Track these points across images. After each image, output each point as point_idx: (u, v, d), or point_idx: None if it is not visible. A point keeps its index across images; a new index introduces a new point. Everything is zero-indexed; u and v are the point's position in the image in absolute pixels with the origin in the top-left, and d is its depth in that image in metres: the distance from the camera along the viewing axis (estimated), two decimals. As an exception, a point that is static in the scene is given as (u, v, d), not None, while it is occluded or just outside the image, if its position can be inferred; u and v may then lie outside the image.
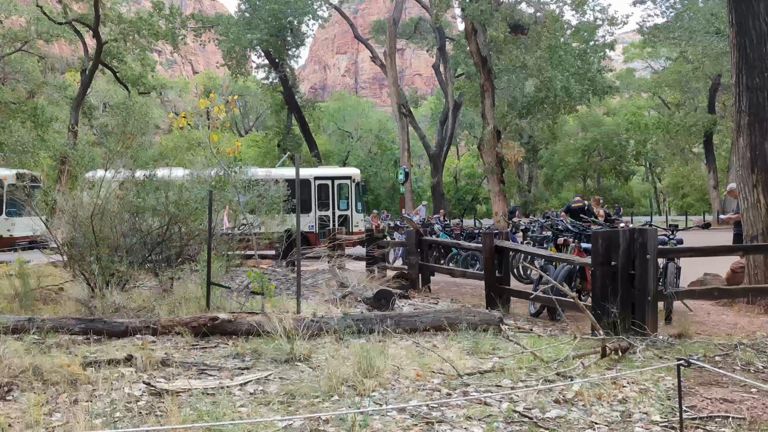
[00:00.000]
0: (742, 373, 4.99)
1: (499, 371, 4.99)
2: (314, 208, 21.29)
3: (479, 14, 27.44)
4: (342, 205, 21.51)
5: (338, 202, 21.54)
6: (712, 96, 38.03)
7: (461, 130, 48.03)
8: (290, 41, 30.86)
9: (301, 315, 6.46)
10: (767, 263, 8.48)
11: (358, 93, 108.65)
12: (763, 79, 8.63)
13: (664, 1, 35.82)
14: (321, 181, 21.63)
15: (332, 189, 21.66)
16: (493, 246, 8.59)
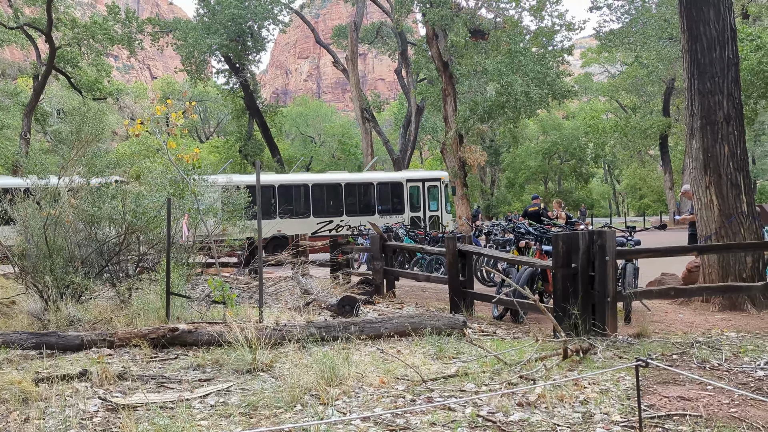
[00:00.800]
0: (698, 370, 5.10)
1: (463, 375, 4.99)
2: (407, 209, 21.81)
3: (440, 19, 27.67)
4: (432, 206, 22.23)
5: (429, 203, 22.19)
6: (667, 99, 39.10)
7: (424, 134, 48.31)
8: (250, 46, 30.56)
9: (264, 324, 6.36)
10: (721, 262, 8.71)
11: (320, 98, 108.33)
12: (714, 84, 8.88)
13: (619, 7, 36.74)
14: (412, 183, 22.31)
15: (423, 191, 22.24)
16: (457, 250, 8.62)
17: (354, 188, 21.88)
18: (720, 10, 8.90)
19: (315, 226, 19.10)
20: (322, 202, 21.11)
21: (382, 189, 22.26)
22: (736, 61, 8.99)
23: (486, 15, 30.14)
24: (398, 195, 21.84)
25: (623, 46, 36.50)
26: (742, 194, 8.77)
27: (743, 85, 21.76)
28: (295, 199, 20.83)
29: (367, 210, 21.64)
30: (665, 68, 34.63)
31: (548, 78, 28.65)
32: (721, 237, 8.72)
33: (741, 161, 8.86)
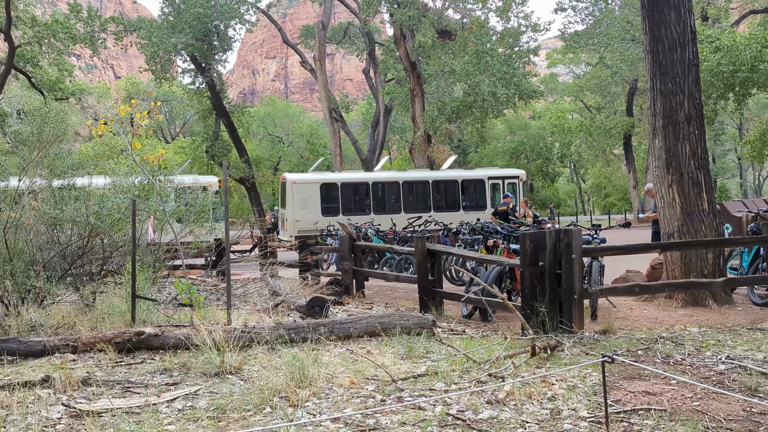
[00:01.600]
0: (662, 365, 5.21)
1: (433, 375, 5.01)
2: (488, 205, 22.76)
3: (407, 20, 27.77)
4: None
5: None
6: (630, 100, 39.90)
7: (393, 134, 48.39)
8: (217, 45, 30.19)
9: (232, 326, 6.29)
10: (683, 259, 8.92)
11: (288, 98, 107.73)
12: (675, 84, 9.09)
13: (583, 9, 37.40)
14: (494, 180, 23.47)
15: (503, 188, 23.15)
16: (426, 249, 8.66)
17: (440, 185, 22.88)
18: (680, 13, 9.12)
19: (406, 221, 19.57)
20: (412, 199, 21.82)
21: (466, 186, 23.40)
22: (696, 62, 9.21)
23: (453, 15, 30.36)
24: (481, 192, 23.02)
25: (587, 47, 37.19)
26: (703, 192, 9.00)
27: (703, 85, 22.34)
28: (387, 195, 21.52)
29: (452, 206, 22.52)
30: (628, 69, 35.36)
31: (515, 78, 29.00)
32: (683, 234, 8.93)
33: (702, 160, 9.08)
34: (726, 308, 8.56)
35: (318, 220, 19.53)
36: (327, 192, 21.12)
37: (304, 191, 20.62)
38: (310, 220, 19.85)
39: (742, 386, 4.58)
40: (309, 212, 20.00)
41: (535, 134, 50.27)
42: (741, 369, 5.00)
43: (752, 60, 23.39)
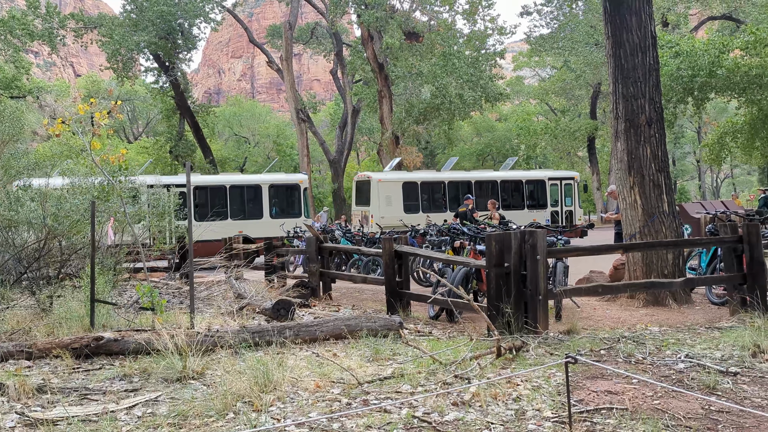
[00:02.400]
0: (624, 365, 5.28)
1: (399, 377, 4.99)
2: (548, 205, 24.24)
3: (375, 21, 27.78)
4: (567, 202, 24.66)
5: (565, 199, 24.58)
6: (594, 103, 40.63)
7: (361, 135, 48.35)
8: (181, 44, 29.72)
9: (195, 330, 6.18)
10: (644, 260, 9.09)
11: (254, 98, 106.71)
12: (636, 88, 9.27)
13: (548, 13, 37.97)
14: (553, 181, 24.75)
15: (561, 188, 24.71)
16: (393, 251, 8.64)
17: (507, 185, 24.40)
18: (642, 18, 9.30)
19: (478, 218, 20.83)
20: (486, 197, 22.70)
21: (529, 186, 24.82)
22: (656, 66, 9.41)
23: (420, 17, 30.49)
24: (542, 191, 24.54)
25: (552, 50, 37.78)
26: (663, 194, 9.19)
27: (664, 89, 22.88)
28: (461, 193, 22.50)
29: (517, 205, 23.85)
30: (592, 73, 36.01)
31: (481, 81, 29.26)
32: (644, 235, 9.10)
33: (662, 163, 9.28)
34: (685, 307, 8.75)
35: (402, 217, 20.66)
36: (408, 190, 22.31)
37: (388, 189, 21.67)
38: (395, 217, 20.94)
39: (700, 384, 4.67)
40: (393, 209, 21.19)
41: (502, 136, 50.77)
42: (700, 367, 5.10)
43: (710, 65, 24.04)
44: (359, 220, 23.24)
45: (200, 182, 20.19)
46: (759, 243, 7.46)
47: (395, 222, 19.95)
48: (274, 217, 20.44)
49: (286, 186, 21.50)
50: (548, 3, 37.06)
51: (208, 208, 19.34)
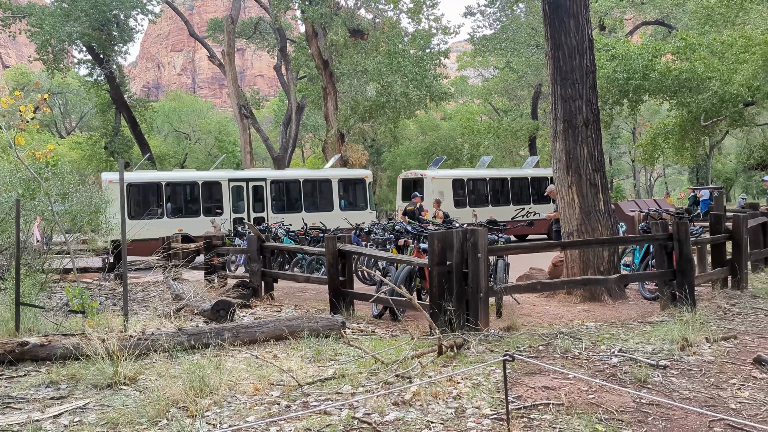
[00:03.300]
0: (561, 360, 5.39)
1: (340, 377, 4.94)
2: None
3: (319, 17, 27.56)
4: None
5: None
6: (535, 103, 41.57)
7: (305, 132, 47.89)
8: (116, 36, 28.67)
9: (128, 333, 5.94)
10: (581, 257, 9.32)
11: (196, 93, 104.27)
12: (575, 90, 9.48)
13: (491, 14, 38.59)
14: None
15: None
16: (336, 250, 8.57)
17: (535, 181, 25.47)
18: (579, 22, 9.52)
19: (513, 212, 23.14)
20: (518, 193, 24.91)
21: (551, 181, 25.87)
22: (593, 69, 9.65)
23: (365, 15, 30.43)
24: None
25: (495, 51, 38.41)
26: (599, 193, 9.44)
27: (600, 91, 23.60)
28: (501, 190, 24.73)
29: (545, 199, 24.01)
30: (533, 74, 36.81)
31: (426, 80, 29.46)
32: (581, 233, 9.33)
33: (598, 162, 9.53)
34: (620, 303, 9.03)
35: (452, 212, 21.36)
36: (457, 187, 23.76)
37: (441, 186, 22.91)
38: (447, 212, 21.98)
39: (632, 378, 4.81)
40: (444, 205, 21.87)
41: (446, 135, 51.29)
42: (632, 361, 5.26)
43: (644, 68, 24.95)
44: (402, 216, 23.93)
45: (277, 176, 21.63)
46: (687, 240, 7.76)
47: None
48: (343, 209, 21.59)
49: (354, 180, 22.75)
50: (491, 4, 37.68)
51: (284, 202, 20.99)
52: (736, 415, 4.08)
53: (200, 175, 20.90)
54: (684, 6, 31.78)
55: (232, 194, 20.25)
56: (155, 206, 19.20)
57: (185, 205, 20.00)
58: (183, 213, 19.72)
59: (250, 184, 20.60)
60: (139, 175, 20.34)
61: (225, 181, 20.28)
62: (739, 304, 7.95)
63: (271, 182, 20.98)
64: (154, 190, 19.62)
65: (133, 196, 19.06)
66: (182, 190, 20.11)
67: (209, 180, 20.27)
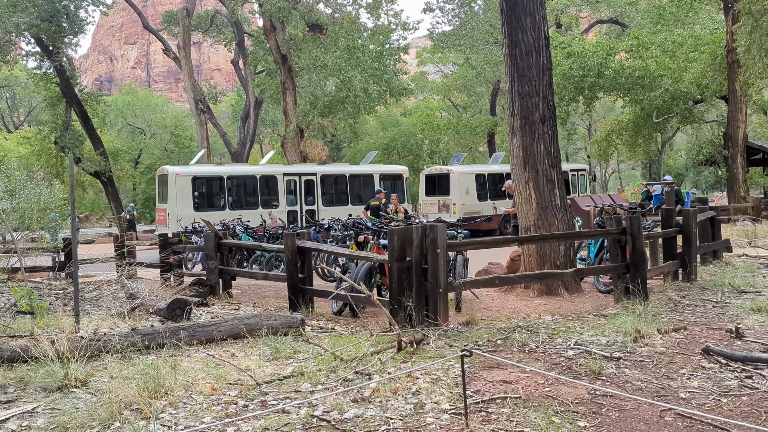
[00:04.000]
0: (519, 354, 5.47)
1: (299, 375, 4.90)
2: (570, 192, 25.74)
3: (277, 11, 27.25)
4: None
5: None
6: (493, 100, 42.02)
7: (264, 127, 47.36)
8: (66, 28, 27.73)
9: (80, 334, 5.77)
10: (538, 251, 9.47)
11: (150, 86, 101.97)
12: (531, 86, 9.61)
13: (450, 10, 38.81)
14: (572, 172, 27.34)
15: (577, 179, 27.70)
16: (295, 246, 8.49)
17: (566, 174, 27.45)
18: (536, 19, 9.65)
19: None
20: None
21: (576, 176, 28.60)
22: (549, 66, 9.80)
23: (324, 10, 30.23)
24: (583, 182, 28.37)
25: (454, 47, 38.68)
26: (555, 188, 9.60)
27: (557, 88, 24.03)
28: None
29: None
30: (492, 70, 37.19)
31: (386, 75, 29.44)
32: (538, 228, 9.48)
33: (554, 158, 9.69)
34: (576, 296, 9.21)
35: (476, 205, 23.67)
36: (480, 181, 25.12)
37: (465, 181, 24.34)
38: (472, 205, 23.72)
39: (587, 370, 4.91)
40: (469, 198, 24.11)
41: (406, 131, 51.44)
42: (587, 354, 5.37)
43: (599, 66, 25.49)
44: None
45: (326, 171, 23.09)
46: (640, 234, 7.97)
47: (473, 209, 23.11)
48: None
49: (393, 175, 24.54)
50: (450, 1, 37.89)
51: (333, 194, 22.36)
52: (685, 404, 4.21)
53: (258, 170, 21.93)
54: (637, 5, 32.57)
55: (286, 188, 21.37)
56: (218, 198, 20.13)
57: (245, 198, 20.93)
58: (243, 205, 20.56)
59: (302, 178, 22.02)
60: (203, 169, 21.10)
61: (280, 175, 21.53)
62: (689, 295, 8.21)
63: (321, 176, 22.46)
64: (218, 183, 20.56)
65: (198, 189, 19.99)
66: (242, 183, 21.09)
67: (266, 174, 21.35)
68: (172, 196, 19.50)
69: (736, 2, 21.97)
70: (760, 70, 21.72)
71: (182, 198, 19.73)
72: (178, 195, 19.72)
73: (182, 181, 19.78)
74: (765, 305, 7.07)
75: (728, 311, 7.18)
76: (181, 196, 19.71)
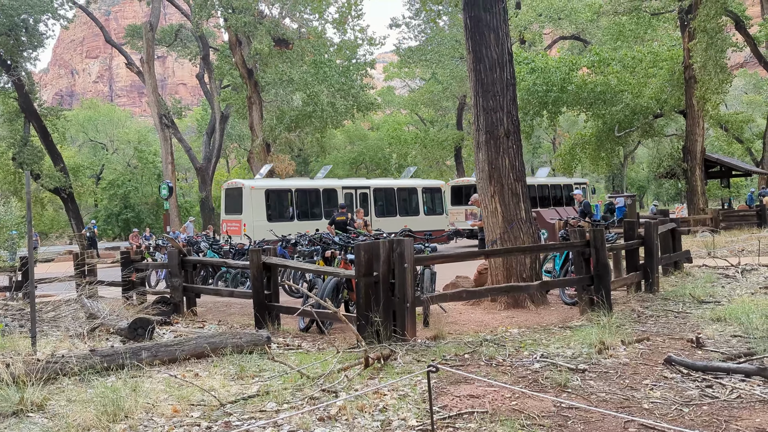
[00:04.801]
0: (486, 367, 5.47)
1: (264, 394, 4.81)
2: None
3: (243, 26, 27.16)
4: None
5: None
6: (460, 114, 42.48)
7: (230, 142, 46.98)
8: (25, 41, 27.17)
9: (37, 356, 5.58)
10: (505, 264, 9.54)
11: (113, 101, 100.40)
12: (496, 101, 9.73)
13: (416, 26, 39.23)
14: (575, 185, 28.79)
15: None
16: (261, 262, 8.39)
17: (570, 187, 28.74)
18: (499, 35, 9.80)
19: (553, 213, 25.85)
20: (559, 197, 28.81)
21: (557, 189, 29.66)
22: (513, 81, 9.94)
23: (290, 25, 30.23)
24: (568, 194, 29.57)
25: (421, 62, 39.06)
26: (521, 202, 9.71)
27: (521, 103, 24.44)
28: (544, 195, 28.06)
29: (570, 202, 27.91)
30: (458, 85, 37.64)
31: (353, 90, 29.55)
32: (504, 241, 9.55)
33: (519, 172, 9.80)
34: (542, 309, 9.29)
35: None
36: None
37: None
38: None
39: (553, 383, 4.94)
40: None
41: (374, 145, 51.60)
42: (553, 366, 5.40)
43: (562, 81, 26.02)
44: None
45: (378, 184, 24.77)
46: (603, 247, 8.10)
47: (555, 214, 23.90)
48: (426, 214, 24.89)
49: (433, 189, 25.81)
50: (416, 16, 38.30)
51: (383, 206, 23.94)
52: (648, 415, 4.25)
53: (320, 183, 23.41)
54: (598, 22, 33.41)
55: (345, 200, 22.58)
56: (287, 210, 21.73)
57: (310, 210, 22.39)
58: (309, 216, 22.02)
59: (357, 191, 23.57)
60: (273, 183, 22.69)
61: (339, 188, 23.13)
62: (652, 306, 8.35)
63: (374, 189, 24.03)
64: (286, 196, 22.02)
65: (271, 201, 21.34)
66: (306, 195, 22.50)
67: (327, 187, 22.96)
68: (248, 208, 20.68)
69: (692, 20, 22.73)
70: (715, 86, 22.46)
71: (257, 210, 21.01)
72: (253, 207, 20.96)
73: (257, 194, 21.06)
74: (724, 314, 7.23)
75: (689, 321, 7.33)
76: (255, 208, 20.98)
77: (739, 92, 52.88)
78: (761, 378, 4.89)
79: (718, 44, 21.96)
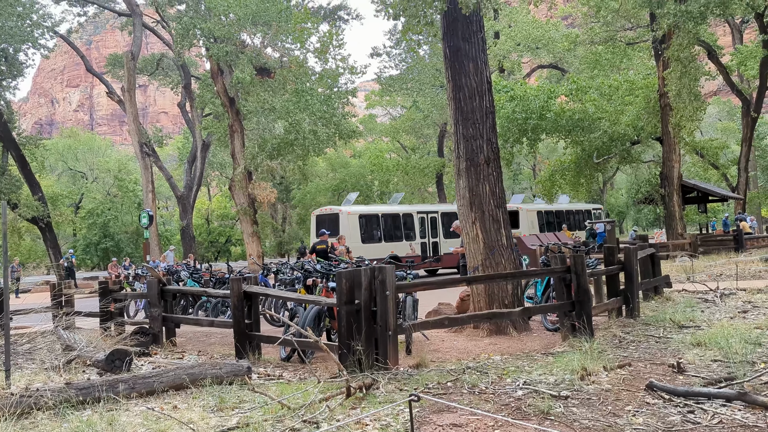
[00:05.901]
0: (469, 395, 5.43)
1: (244, 426, 4.73)
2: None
3: (224, 55, 27.33)
4: None
5: None
6: (441, 141, 42.86)
7: (212, 170, 46.86)
8: (5, 70, 27.06)
9: (10, 390, 5.44)
10: (487, 291, 9.55)
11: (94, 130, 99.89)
12: (476, 129, 9.84)
13: (397, 55, 39.74)
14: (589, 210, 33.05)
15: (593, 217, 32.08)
16: (242, 291, 8.31)
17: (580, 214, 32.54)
18: (478, 64, 9.96)
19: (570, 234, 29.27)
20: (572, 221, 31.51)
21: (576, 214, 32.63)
22: (492, 109, 10.08)
23: (272, 54, 30.47)
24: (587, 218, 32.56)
25: (402, 91, 39.49)
26: (502, 228, 9.77)
27: (501, 131, 24.73)
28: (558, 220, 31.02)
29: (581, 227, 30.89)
30: (439, 113, 38.05)
31: (334, 118, 29.70)
32: (486, 267, 9.58)
33: (500, 199, 9.88)
34: (524, 335, 9.29)
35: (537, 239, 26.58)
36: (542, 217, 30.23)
37: (532, 217, 29.46)
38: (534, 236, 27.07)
39: (536, 410, 4.92)
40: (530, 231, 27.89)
41: (356, 172, 51.72)
42: (536, 393, 5.38)
43: (540, 109, 26.39)
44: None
45: (444, 210, 26.97)
46: (584, 272, 8.14)
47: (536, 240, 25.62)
48: None
49: None
50: (396, 46, 38.83)
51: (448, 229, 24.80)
52: (632, 441, 4.24)
53: (401, 209, 26.02)
54: (575, 51, 34.10)
55: (419, 224, 25.46)
56: (376, 233, 24.21)
57: (393, 232, 24.86)
58: (392, 239, 24.60)
59: (428, 215, 26.19)
60: (365, 208, 25.43)
61: (415, 213, 25.88)
62: (633, 331, 8.38)
63: (441, 214, 26.45)
64: (375, 220, 24.56)
65: (363, 225, 23.93)
66: (390, 220, 25.00)
67: (406, 212, 25.68)
68: (345, 231, 22.26)
69: (666, 50, 23.30)
70: (690, 113, 22.94)
71: (353, 233, 23.21)
72: (350, 230, 23.06)
73: (353, 218, 23.68)
74: (704, 339, 7.27)
75: (670, 346, 7.36)
76: (351, 231, 23.19)
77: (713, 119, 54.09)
78: (742, 403, 4.91)
79: (692, 73, 22.49)
